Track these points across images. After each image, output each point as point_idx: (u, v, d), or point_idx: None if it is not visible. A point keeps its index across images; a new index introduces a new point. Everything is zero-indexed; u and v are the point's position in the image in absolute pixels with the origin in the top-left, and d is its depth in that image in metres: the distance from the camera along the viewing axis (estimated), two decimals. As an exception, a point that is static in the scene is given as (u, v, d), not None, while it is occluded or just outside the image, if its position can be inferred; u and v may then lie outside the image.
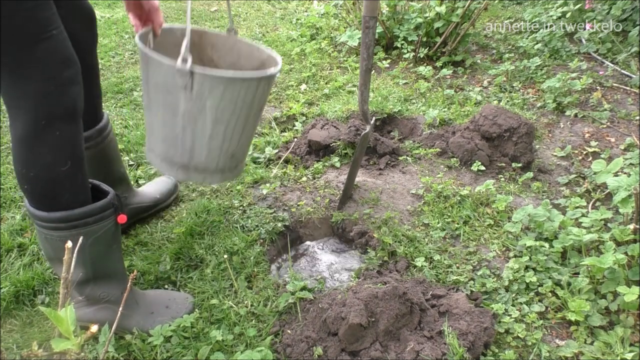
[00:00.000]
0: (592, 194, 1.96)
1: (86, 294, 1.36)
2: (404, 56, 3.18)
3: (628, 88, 2.73)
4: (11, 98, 1.11)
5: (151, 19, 1.26)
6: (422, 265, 1.61)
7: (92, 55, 1.43)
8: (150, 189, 1.88)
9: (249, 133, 1.30)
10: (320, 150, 2.24)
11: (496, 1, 4.08)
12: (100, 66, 3.27)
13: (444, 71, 2.95)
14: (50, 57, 1.09)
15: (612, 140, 2.31)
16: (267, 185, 2.00)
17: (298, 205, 1.91)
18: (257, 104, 1.25)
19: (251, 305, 1.48)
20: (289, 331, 1.39)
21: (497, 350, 1.35)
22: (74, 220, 1.21)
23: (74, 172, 1.20)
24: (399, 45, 3.22)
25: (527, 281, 1.53)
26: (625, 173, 1.95)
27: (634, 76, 2.77)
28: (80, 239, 1.00)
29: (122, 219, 1.31)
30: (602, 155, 2.15)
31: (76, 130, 1.18)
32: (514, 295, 1.51)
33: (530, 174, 2.05)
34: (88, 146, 1.44)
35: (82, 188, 1.24)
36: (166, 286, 1.57)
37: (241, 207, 1.90)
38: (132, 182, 1.85)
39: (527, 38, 3.33)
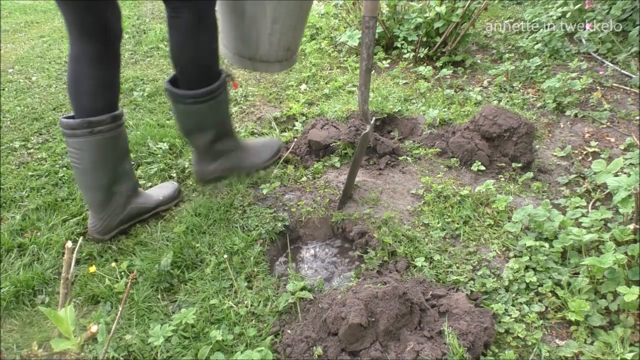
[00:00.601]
0: (592, 194, 1.96)
1: (214, 151, 1.82)
2: (404, 56, 3.18)
3: (628, 88, 2.73)
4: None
5: None
6: (422, 265, 1.61)
7: (118, 45, 1.62)
8: (155, 192, 1.92)
9: (299, 29, 1.73)
10: (320, 150, 2.24)
11: (496, 1, 4.08)
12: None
13: (444, 71, 2.95)
14: None
15: (612, 140, 2.31)
16: (267, 185, 2.00)
17: (298, 205, 1.91)
18: (304, 3, 1.67)
19: (251, 305, 1.48)
20: (289, 331, 1.39)
21: (497, 350, 1.35)
22: (214, 91, 1.65)
23: (217, 48, 1.64)
24: (399, 45, 3.22)
25: (527, 281, 1.53)
26: (625, 173, 1.95)
27: (634, 76, 2.77)
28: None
29: (235, 85, 1.97)
30: (602, 155, 2.15)
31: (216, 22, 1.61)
32: (514, 295, 1.51)
33: (530, 174, 2.05)
34: (101, 130, 1.58)
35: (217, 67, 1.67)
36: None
37: (241, 207, 1.90)
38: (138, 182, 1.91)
39: (527, 38, 3.33)
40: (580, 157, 2.21)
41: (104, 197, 1.69)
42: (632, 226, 1.50)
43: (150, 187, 2.03)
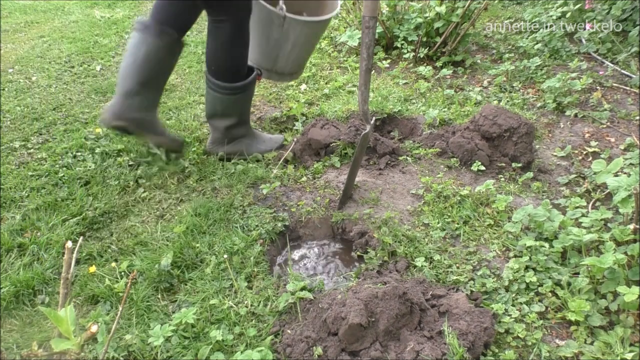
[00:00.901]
0: (592, 194, 1.96)
1: (231, 135, 2.17)
2: (404, 56, 3.18)
3: (628, 88, 2.73)
4: (218, 10, 1.87)
5: None
6: (422, 265, 1.61)
7: None
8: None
9: (310, 51, 2.28)
10: (320, 150, 2.24)
11: (496, 1, 4.08)
12: (100, 66, 3.28)
13: (444, 71, 2.95)
14: None
15: (612, 140, 2.31)
16: (267, 185, 2.00)
17: (298, 205, 1.91)
18: (319, 34, 2.21)
19: (251, 305, 1.48)
20: (289, 331, 1.39)
21: (497, 350, 1.35)
22: (245, 86, 2.03)
23: (247, 53, 2.01)
24: (399, 45, 3.22)
25: (527, 281, 1.53)
26: (625, 173, 1.95)
27: (634, 76, 2.77)
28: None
29: (259, 78, 2.14)
30: (602, 155, 2.15)
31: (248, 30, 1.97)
32: (514, 295, 1.51)
33: (530, 174, 2.05)
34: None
35: (247, 67, 2.05)
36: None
37: (241, 207, 1.90)
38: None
39: (527, 38, 3.33)
40: (580, 157, 2.21)
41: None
42: (632, 226, 1.50)
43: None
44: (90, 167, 2.12)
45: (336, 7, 2.19)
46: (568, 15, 3.28)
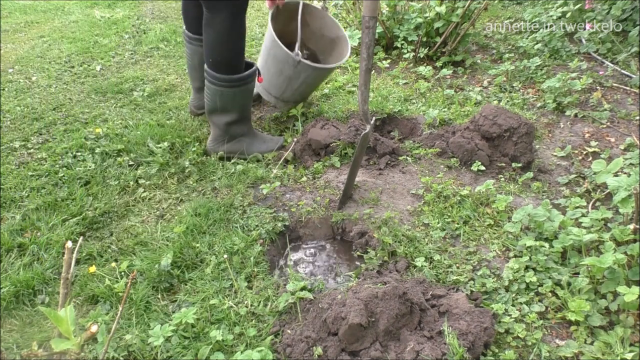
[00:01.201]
0: (592, 194, 1.96)
1: (231, 132, 2.18)
2: (404, 56, 3.18)
3: (628, 88, 2.73)
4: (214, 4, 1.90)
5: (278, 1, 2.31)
6: (422, 265, 1.61)
7: None
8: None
9: (316, 86, 2.51)
10: (320, 150, 2.24)
11: (496, 1, 4.08)
12: (100, 66, 3.28)
13: (444, 71, 2.95)
14: None
15: (612, 140, 2.31)
16: (267, 185, 2.00)
17: (298, 205, 1.91)
18: (327, 76, 2.48)
19: (251, 305, 1.48)
20: (289, 331, 1.39)
21: (497, 350, 1.34)
22: (244, 79, 2.05)
23: (244, 46, 2.04)
24: (399, 45, 3.22)
25: (527, 281, 1.53)
26: (625, 173, 1.95)
27: (634, 76, 2.77)
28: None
29: (260, 79, 2.16)
30: (602, 155, 2.15)
31: (245, 21, 2.00)
32: (514, 295, 1.51)
33: (530, 174, 2.05)
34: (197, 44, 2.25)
35: (244, 57, 2.07)
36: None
37: (241, 207, 1.90)
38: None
39: (527, 38, 3.33)
40: (580, 157, 2.21)
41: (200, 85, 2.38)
42: (632, 226, 1.50)
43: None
44: (90, 167, 2.12)
45: (346, 54, 2.42)
46: (568, 15, 3.28)
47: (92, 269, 1.58)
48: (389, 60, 3.18)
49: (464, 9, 2.92)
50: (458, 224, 1.80)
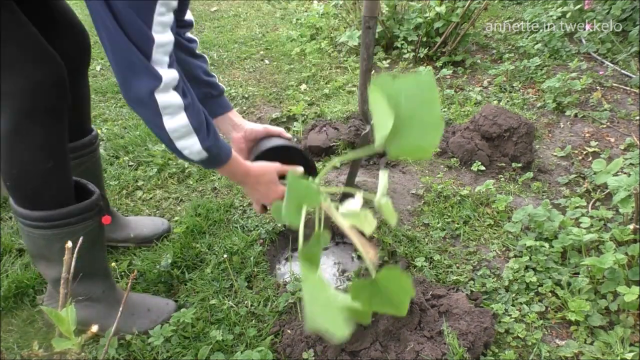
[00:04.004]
0: (592, 194, 1.96)
1: (73, 292, 1.31)
2: (404, 56, 3.18)
3: (628, 88, 2.73)
4: None
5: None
6: (422, 265, 1.61)
7: (82, 77, 1.42)
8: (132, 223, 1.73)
9: None
10: (321, 152, 2.24)
11: (496, 1, 4.08)
12: (100, 66, 3.27)
13: (444, 71, 2.95)
14: (22, 55, 1.10)
15: (612, 140, 2.31)
16: (267, 185, 2.00)
17: (298, 205, 1.91)
18: None
19: (251, 305, 1.48)
20: (289, 331, 1.39)
21: (497, 350, 1.35)
22: (55, 220, 1.22)
23: (57, 171, 1.20)
24: (399, 45, 3.22)
25: (527, 281, 1.53)
26: (625, 173, 1.95)
27: (634, 76, 2.77)
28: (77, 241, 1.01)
29: (107, 220, 1.32)
30: (602, 155, 2.15)
31: (59, 129, 1.19)
32: (514, 295, 1.51)
33: (530, 174, 2.05)
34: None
35: (65, 188, 1.24)
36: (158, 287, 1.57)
37: (241, 207, 1.90)
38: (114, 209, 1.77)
39: (527, 38, 3.33)
40: (580, 157, 2.21)
41: None
42: (632, 226, 1.50)
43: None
44: (90, 167, 2.12)
45: None
46: (568, 15, 3.28)
47: (92, 269, 1.58)
48: (389, 60, 3.18)
49: (464, 9, 2.92)
50: (458, 224, 1.80)
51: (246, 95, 2.83)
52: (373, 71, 3.08)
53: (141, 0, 0.91)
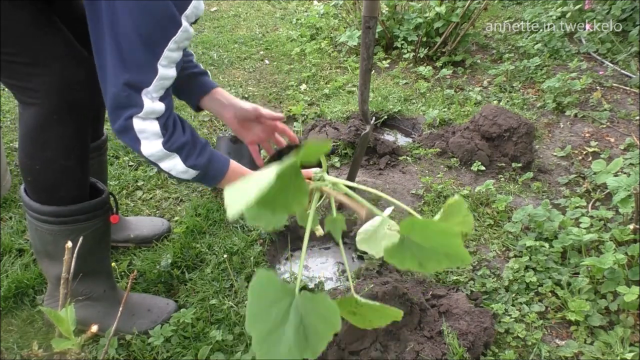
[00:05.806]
0: (592, 194, 1.96)
1: (74, 291, 1.33)
2: (404, 56, 3.18)
3: (628, 88, 2.73)
4: (21, 91, 1.13)
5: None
6: (422, 265, 1.60)
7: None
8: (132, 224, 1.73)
9: None
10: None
11: (496, 1, 4.08)
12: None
13: (444, 71, 2.95)
14: (51, 53, 1.10)
15: (612, 140, 2.31)
16: (267, 185, 2.00)
17: (298, 205, 1.91)
18: None
19: (251, 305, 1.48)
20: (289, 331, 1.39)
21: (497, 350, 1.35)
22: (65, 216, 1.22)
23: (77, 168, 1.21)
24: (399, 45, 3.22)
25: (527, 281, 1.53)
26: (625, 173, 1.95)
27: (634, 76, 2.77)
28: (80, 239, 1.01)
29: (115, 219, 1.34)
30: (602, 155, 2.15)
31: (83, 127, 1.20)
32: (514, 295, 1.51)
33: (530, 174, 2.05)
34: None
35: (82, 186, 1.25)
36: (159, 286, 1.57)
37: (241, 207, 1.90)
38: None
39: (527, 38, 3.33)
40: (580, 157, 2.21)
41: None
42: (632, 226, 1.50)
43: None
44: (90, 167, 2.11)
45: None
46: (568, 15, 3.28)
47: (92, 269, 1.58)
48: (389, 60, 3.18)
49: (464, 9, 2.92)
50: (458, 224, 1.80)
51: (246, 95, 2.83)
52: (373, 71, 3.08)
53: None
